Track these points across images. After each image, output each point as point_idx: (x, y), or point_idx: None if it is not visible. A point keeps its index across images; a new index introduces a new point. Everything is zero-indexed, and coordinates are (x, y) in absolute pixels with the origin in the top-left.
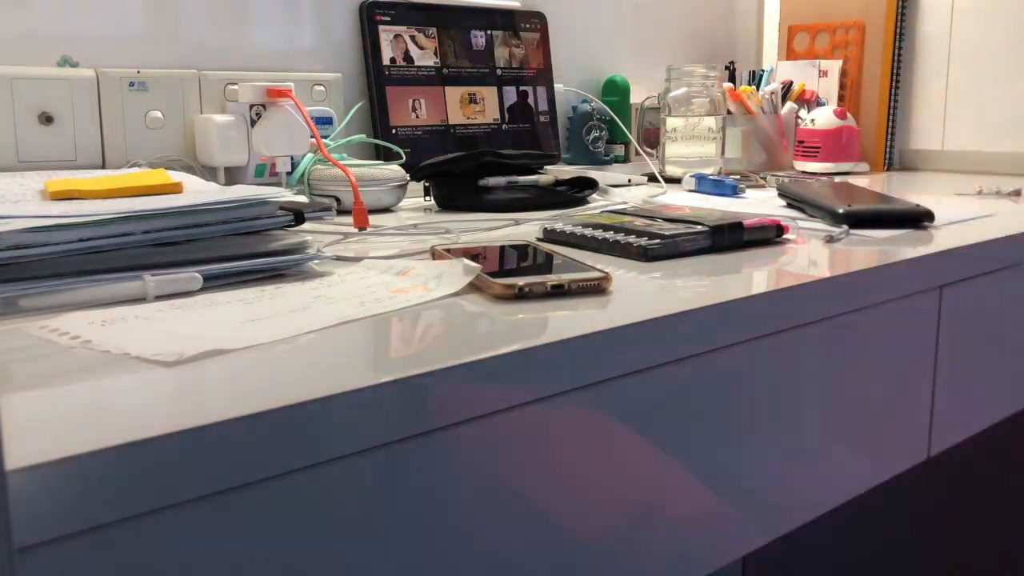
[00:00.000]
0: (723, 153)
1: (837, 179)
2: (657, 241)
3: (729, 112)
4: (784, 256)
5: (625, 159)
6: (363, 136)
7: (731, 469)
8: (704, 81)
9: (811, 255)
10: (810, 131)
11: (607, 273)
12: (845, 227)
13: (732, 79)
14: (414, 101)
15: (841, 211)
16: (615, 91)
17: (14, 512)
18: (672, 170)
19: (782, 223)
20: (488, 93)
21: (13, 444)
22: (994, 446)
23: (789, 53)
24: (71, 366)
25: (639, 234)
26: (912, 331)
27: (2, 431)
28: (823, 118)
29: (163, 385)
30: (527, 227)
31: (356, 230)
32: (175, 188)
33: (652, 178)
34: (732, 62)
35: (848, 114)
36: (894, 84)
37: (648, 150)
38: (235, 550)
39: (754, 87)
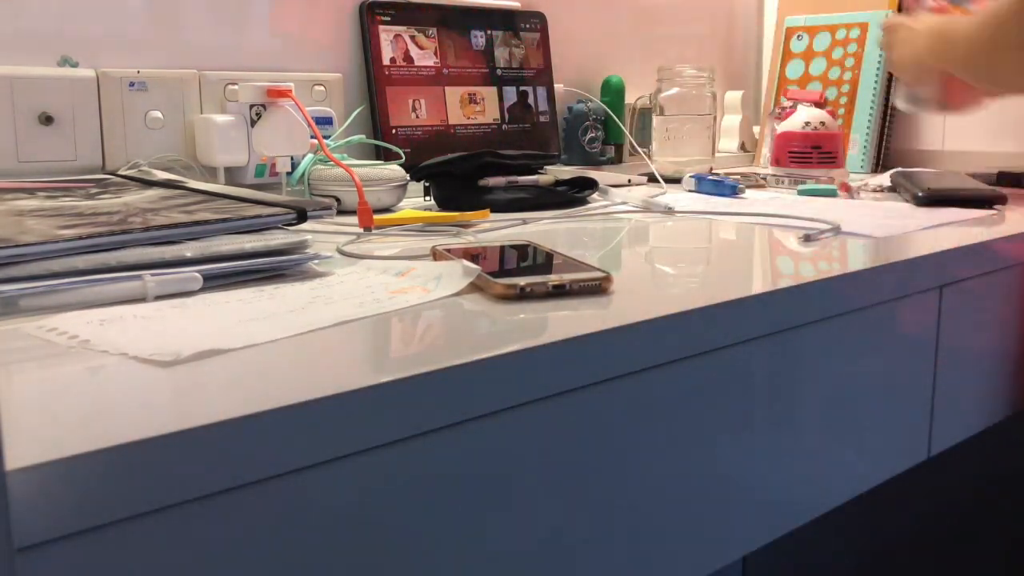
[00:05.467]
0: (715, 152)
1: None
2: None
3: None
4: (785, 256)
5: (618, 159)
6: (363, 136)
7: (731, 469)
8: (695, 81)
9: (812, 255)
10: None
11: (608, 273)
12: (835, 226)
13: None
14: (414, 101)
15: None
16: (608, 91)
17: (14, 512)
18: (663, 170)
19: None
20: (488, 93)
21: (13, 444)
22: (994, 446)
23: (786, 55)
24: (70, 366)
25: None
26: (912, 331)
27: (2, 431)
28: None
29: (161, 385)
30: (533, 227)
31: (361, 229)
32: None
33: (652, 178)
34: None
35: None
36: (893, 84)
37: (644, 150)
38: (234, 550)
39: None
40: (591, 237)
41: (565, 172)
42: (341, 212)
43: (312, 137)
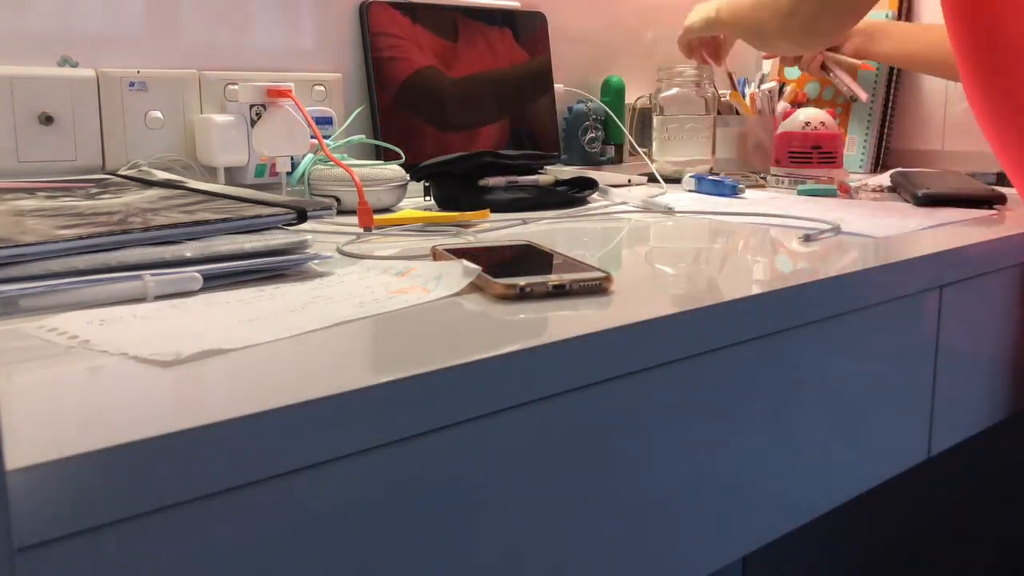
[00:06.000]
0: (714, 153)
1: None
2: None
3: (735, 112)
4: (785, 256)
5: (618, 159)
6: (363, 136)
7: (731, 469)
8: (695, 80)
9: (812, 255)
10: None
11: (608, 273)
12: (835, 226)
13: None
14: (413, 101)
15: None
16: (608, 91)
17: (14, 512)
18: (663, 170)
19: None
20: (488, 93)
21: (13, 444)
22: (994, 446)
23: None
24: (70, 366)
25: None
26: (912, 331)
27: (2, 431)
28: None
29: (161, 385)
30: (533, 227)
31: (361, 229)
32: None
33: (652, 178)
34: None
35: None
36: (893, 84)
37: (643, 150)
38: (234, 550)
39: (738, 91)
40: (591, 237)
41: (565, 172)
42: (341, 212)
43: (312, 137)
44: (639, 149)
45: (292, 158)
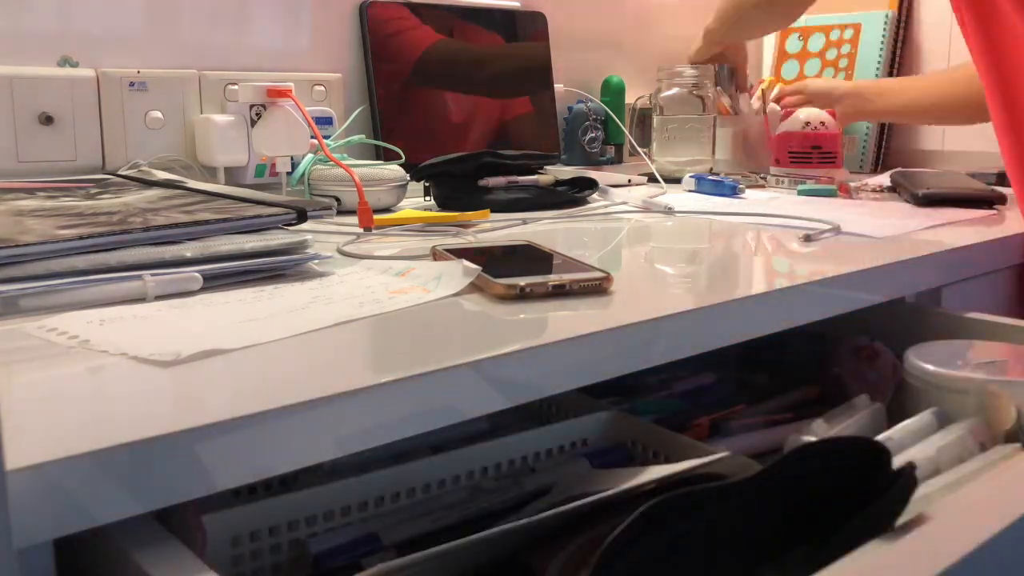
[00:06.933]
0: (714, 153)
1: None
2: None
3: (735, 112)
4: (785, 256)
5: (618, 159)
6: (363, 136)
7: None
8: (695, 81)
9: (812, 255)
10: None
11: (608, 273)
12: (835, 226)
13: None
14: (414, 101)
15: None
16: (608, 91)
17: (14, 512)
18: (663, 170)
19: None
20: (488, 92)
21: (13, 444)
22: None
23: (782, 55)
24: (70, 366)
25: None
26: None
27: (2, 431)
28: None
29: (161, 385)
30: (532, 227)
31: (361, 229)
32: None
33: (652, 178)
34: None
35: None
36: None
37: (643, 150)
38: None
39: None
40: (591, 237)
41: (565, 172)
42: (341, 212)
43: (312, 137)
44: (639, 149)
45: (292, 158)
